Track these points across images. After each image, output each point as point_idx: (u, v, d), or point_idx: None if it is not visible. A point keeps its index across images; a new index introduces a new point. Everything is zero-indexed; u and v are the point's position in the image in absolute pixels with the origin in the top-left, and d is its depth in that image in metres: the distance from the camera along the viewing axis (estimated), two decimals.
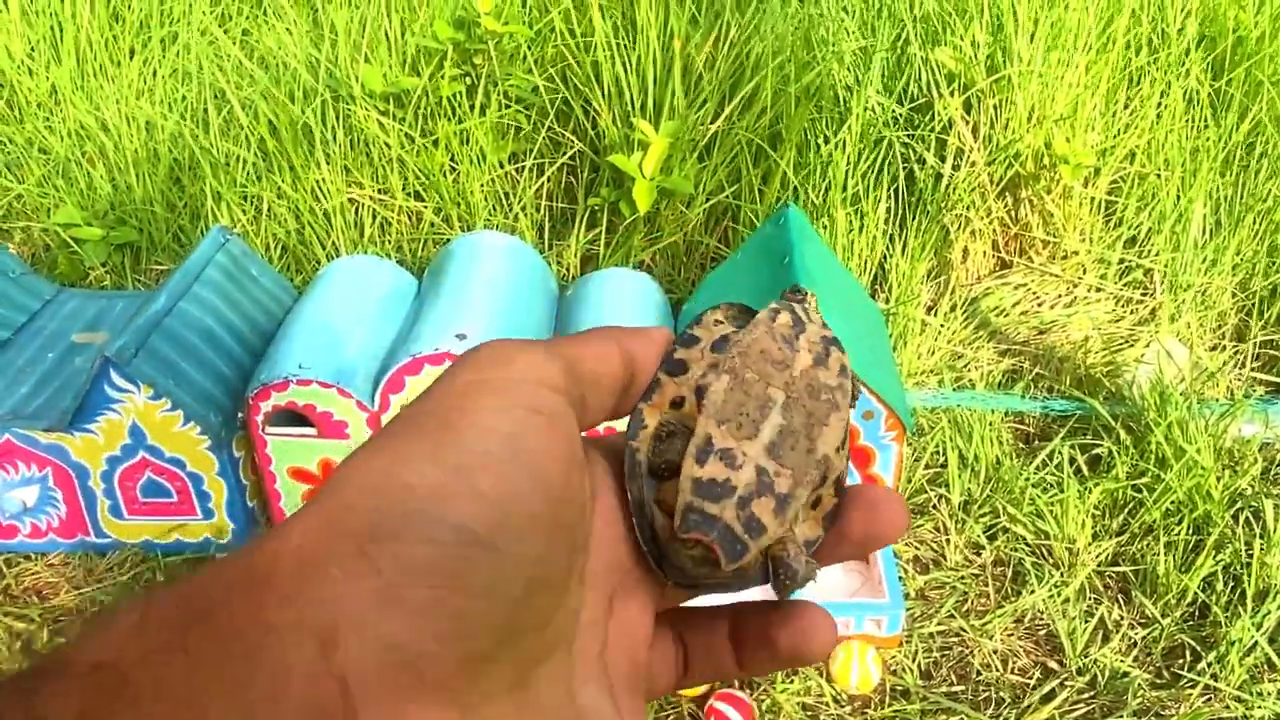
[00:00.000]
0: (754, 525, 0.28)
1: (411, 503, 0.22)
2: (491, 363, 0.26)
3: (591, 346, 0.28)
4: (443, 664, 0.21)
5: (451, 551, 0.22)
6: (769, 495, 0.28)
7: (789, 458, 0.29)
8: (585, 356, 0.28)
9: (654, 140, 1.84)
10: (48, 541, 1.50)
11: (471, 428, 0.24)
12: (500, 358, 0.26)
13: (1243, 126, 2.08)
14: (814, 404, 0.30)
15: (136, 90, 2.30)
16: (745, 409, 0.29)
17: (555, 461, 0.24)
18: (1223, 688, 1.31)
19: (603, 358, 0.28)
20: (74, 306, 1.65)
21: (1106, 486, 1.56)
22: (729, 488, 0.28)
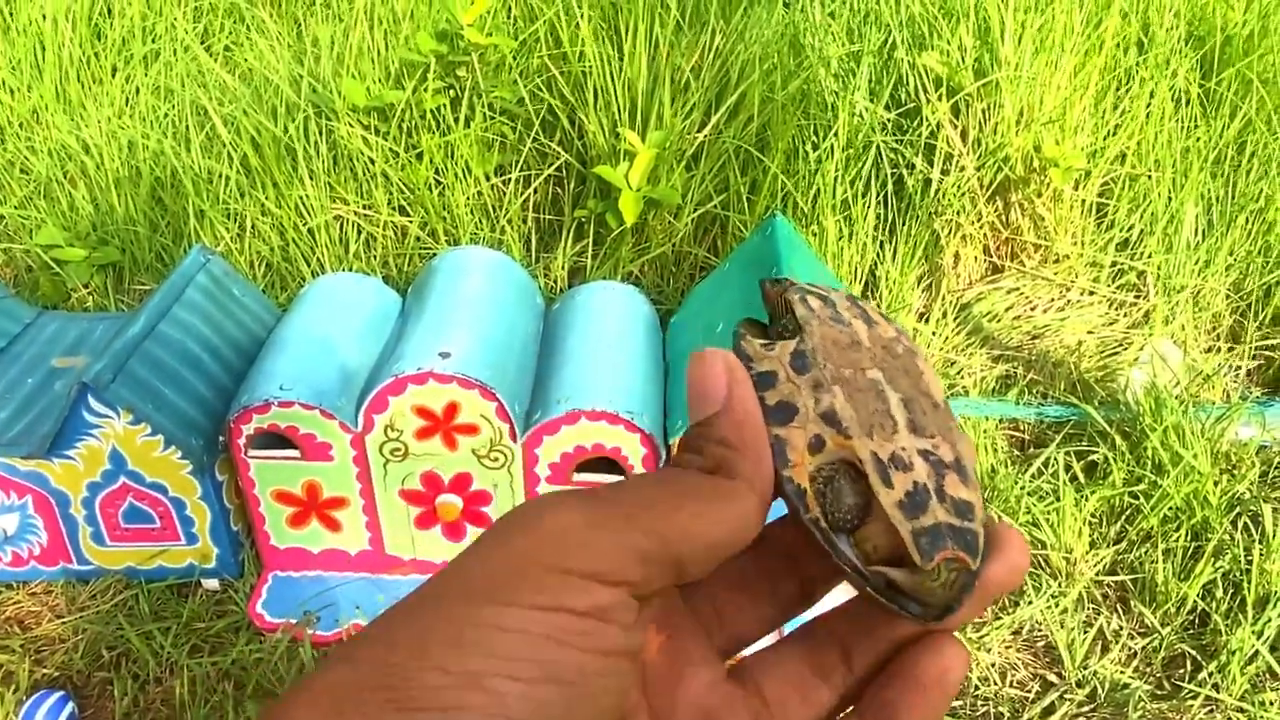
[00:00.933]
0: (962, 507, 0.26)
1: (412, 712, 0.20)
2: (553, 548, 0.22)
3: (685, 508, 0.24)
4: None
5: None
6: (947, 470, 0.26)
7: (927, 423, 0.27)
8: (674, 525, 0.24)
9: (640, 151, 1.82)
10: (29, 570, 1.47)
11: (496, 629, 0.21)
12: (567, 543, 0.23)
13: (1233, 126, 2.06)
14: (900, 361, 0.28)
15: (118, 108, 2.28)
16: (870, 406, 0.27)
17: (593, 663, 0.22)
18: (1224, 698, 1.29)
19: (702, 519, 0.24)
20: (54, 330, 1.62)
21: (1103, 494, 1.54)
22: (921, 489, 0.26)
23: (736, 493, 0.25)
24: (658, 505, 0.24)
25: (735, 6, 2.09)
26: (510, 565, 0.22)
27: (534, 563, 0.22)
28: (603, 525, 0.23)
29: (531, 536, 0.23)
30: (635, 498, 0.24)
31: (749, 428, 0.26)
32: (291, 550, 1.45)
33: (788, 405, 0.27)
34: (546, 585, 0.22)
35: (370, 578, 1.47)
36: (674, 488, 0.25)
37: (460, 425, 1.32)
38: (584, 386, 1.33)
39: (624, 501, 0.24)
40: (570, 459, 1.34)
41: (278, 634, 1.38)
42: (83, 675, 1.37)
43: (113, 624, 1.42)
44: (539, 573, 0.22)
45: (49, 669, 1.37)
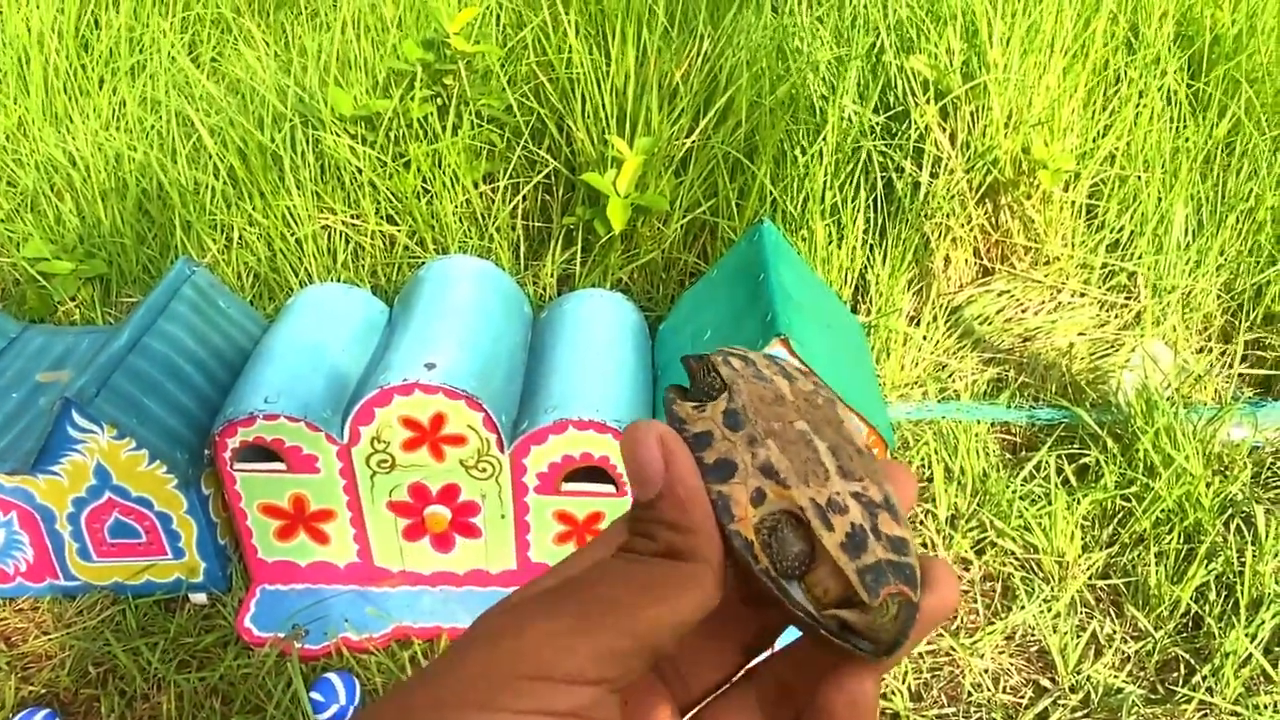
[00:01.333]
0: (898, 543, 0.27)
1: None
2: (536, 659, 0.23)
3: (651, 602, 0.25)
4: None
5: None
6: (880, 509, 0.27)
7: (855, 467, 0.28)
8: (644, 620, 0.25)
9: (628, 157, 1.81)
10: (15, 586, 1.46)
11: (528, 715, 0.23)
12: (549, 651, 0.23)
13: (1222, 126, 2.06)
14: (821, 411, 0.29)
15: (105, 120, 2.27)
16: (802, 456, 0.28)
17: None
18: (1218, 702, 1.28)
19: (669, 607, 0.25)
20: (40, 344, 1.61)
21: (1095, 497, 1.53)
22: (859, 530, 0.27)
23: (696, 575, 0.26)
24: (623, 604, 0.25)
25: (723, 12, 2.09)
26: (488, 674, 0.23)
27: (512, 671, 0.23)
28: (577, 632, 0.24)
29: (503, 647, 0.23)
30: (601, 598, 0.25)
31: (694, 506, 0.26)
32: (279, 564, 1.44)
33: (726, 462, 0.28)
34: (527, 691, 0.23)
35: (359, 590, 1.46)
36: (637, 582, 0.25)
37: (447, 436, 1.31)
38: (572, 396, 1.32)
39: (591, 603, 0.24)
40: (558, 469, 1.33)
41: (266, 648, 1.37)
42: (69, 692, 1.36)
43: (100, 640, 1.41)
44: (517, 680, 0.23)
45: (35, 686, 1.36)
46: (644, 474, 0.26)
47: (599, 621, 0.24)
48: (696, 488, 0.27)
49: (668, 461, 0.27)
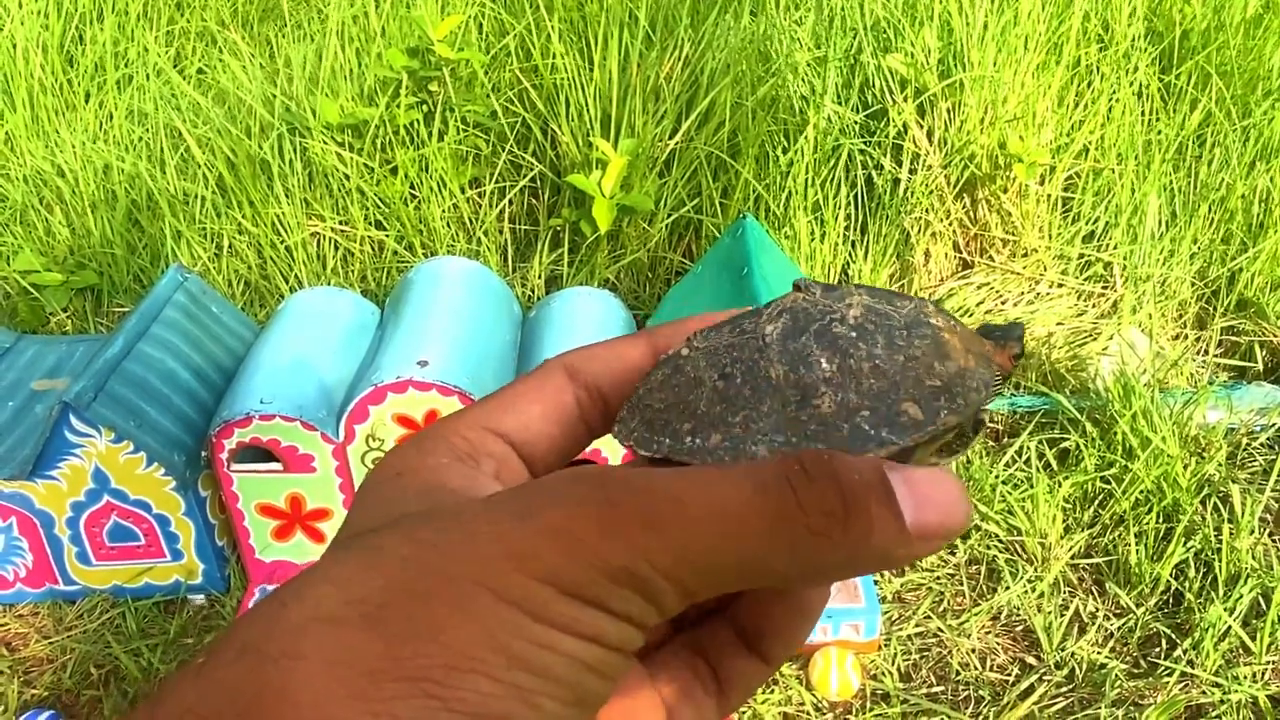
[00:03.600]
0: None
1: (461, 716, 0.19)
2: (590, 563, 0.21)
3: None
4: None
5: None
6: None
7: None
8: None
9: (613, 159, 1.84)
10: (15, 592, 1.48)
11: (544, 648, 0.21)
12: (609, 561, 0.21)
13: (1193, 118, 2.11)
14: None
15: (93, 133, 2.29)
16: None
17: (610, 689, 0.23)
18: (1199, 674, 1.31)
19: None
20: (33, 354, 1.63)
21: (1076, 480, 1.57)
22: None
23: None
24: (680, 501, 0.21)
25: (704, 15, 2.13)
26: (542, 569, 0.20)
27: (567, 578, 0.21)
28: (658, 544, 0.21)
29: (582, 554, 0.21)
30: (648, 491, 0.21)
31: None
32: (277, 563, 1.46)
33: None
34: (585, 615, 0.21)
35: None
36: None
37: None
38: None
39: (671, 502, 0.21)
40: None
41: None
42: (72, 694, 1.37)
43: (100, 643, 1.42)
44: (581, 603, 0.21)
45: (38, 689, 1.38)
46: (943, 513, 0.22)
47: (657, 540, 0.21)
48: None
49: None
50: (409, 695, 0.19)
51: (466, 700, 0.19)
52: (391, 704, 0.19)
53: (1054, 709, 1.30)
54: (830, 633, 1.35)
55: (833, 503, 0.21)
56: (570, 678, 0.21)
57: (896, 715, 1.29)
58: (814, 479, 0.21)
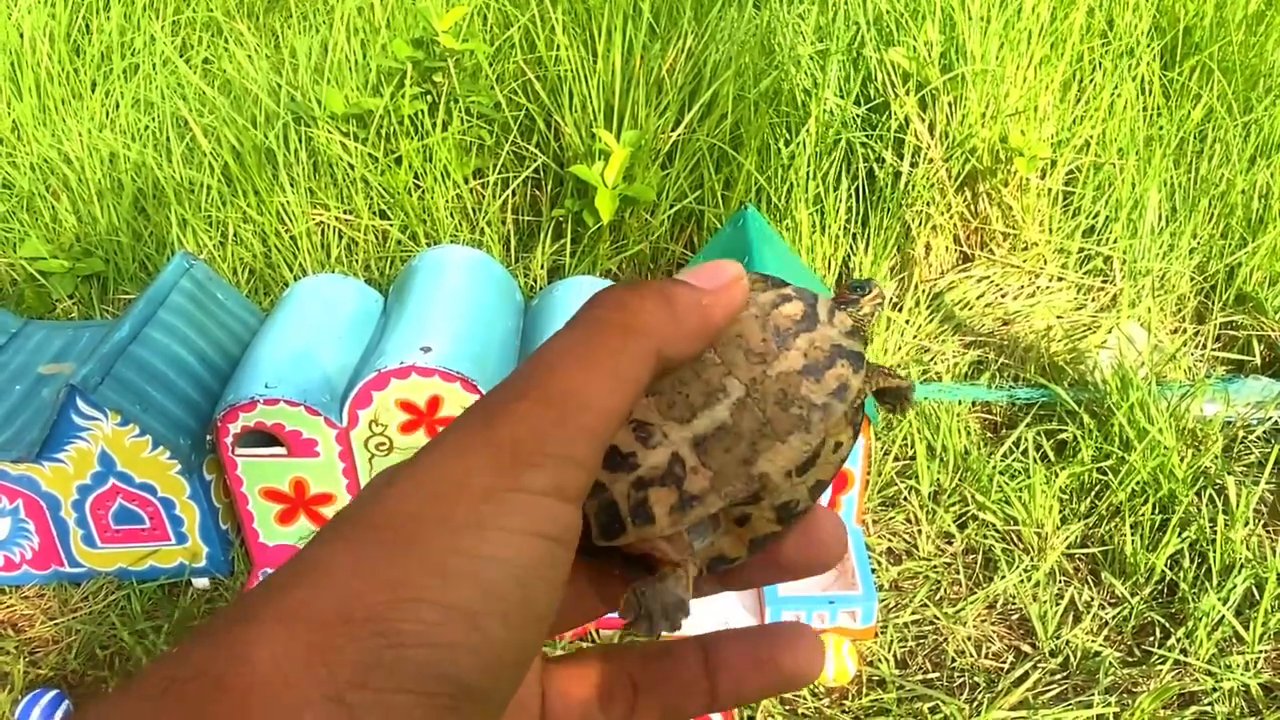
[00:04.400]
0: (642, 512, 0.25)
1: (406, 648, 0.19)
2: (510, 463, 0.22)
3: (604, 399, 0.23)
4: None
5: (443, 703, 0.20)
6: (672, 488, 0.25)
7: (716, 459, 0.25)
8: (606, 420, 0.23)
9: (615, 150, 1.86)
10: (21, 574, 1.49)
11: (485, 561, 0.21)
12: (521, 457, 0.22)
13: (1195, 113, 2.12)
14: (777, 413, 0.25)
15: (99, 122, 2.31)
16: (687, 389, 0.25)
17: (557, 596, 0.22)
18: (1192, 662, 1.33)
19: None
20: (40, 339, 1.64)
21: (1073, 470, 1.58)
22: (630, 462, 0.25)
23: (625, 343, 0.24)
24: (581, 385, 0.23)
25: (707, 8, 2.14)
26: (478, 484, 0.21)
27: (496, 482, 0.21)
28: (549, 433, 0.22)
29: (488, 445, 0.22)
30: (568, 385, 0.23)
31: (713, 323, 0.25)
32: (280, 547, 1.48)
33: None
34: (516, 505, 0.21)
35: None
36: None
37: (444, 418, 1.35)
38: None
39: (555, 391, 0.23)
40: None
41: None
42: (77, 675, 1.39)
43: (105, 624, 1.44)
44: (505, 493, 0.21)
45: (44, 669, 1.39)
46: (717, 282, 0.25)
47: (568, 421, 0.22)
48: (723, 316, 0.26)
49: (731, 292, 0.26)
50: (358, 638, 0.19)
51: (411, 633, 0.20)
52: (343, 652, 0.19)
53: (1048, 695, 1.31)
54: (827, 620, 1.36)
55: (623, 293, 0.25)
56: (512, 591, 0.21)
57: (892, 701, 1.30)
58: (603, 293, 0.25)
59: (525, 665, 0.21)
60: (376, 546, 0.21)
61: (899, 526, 1.56)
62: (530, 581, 0.21)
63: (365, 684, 0.19)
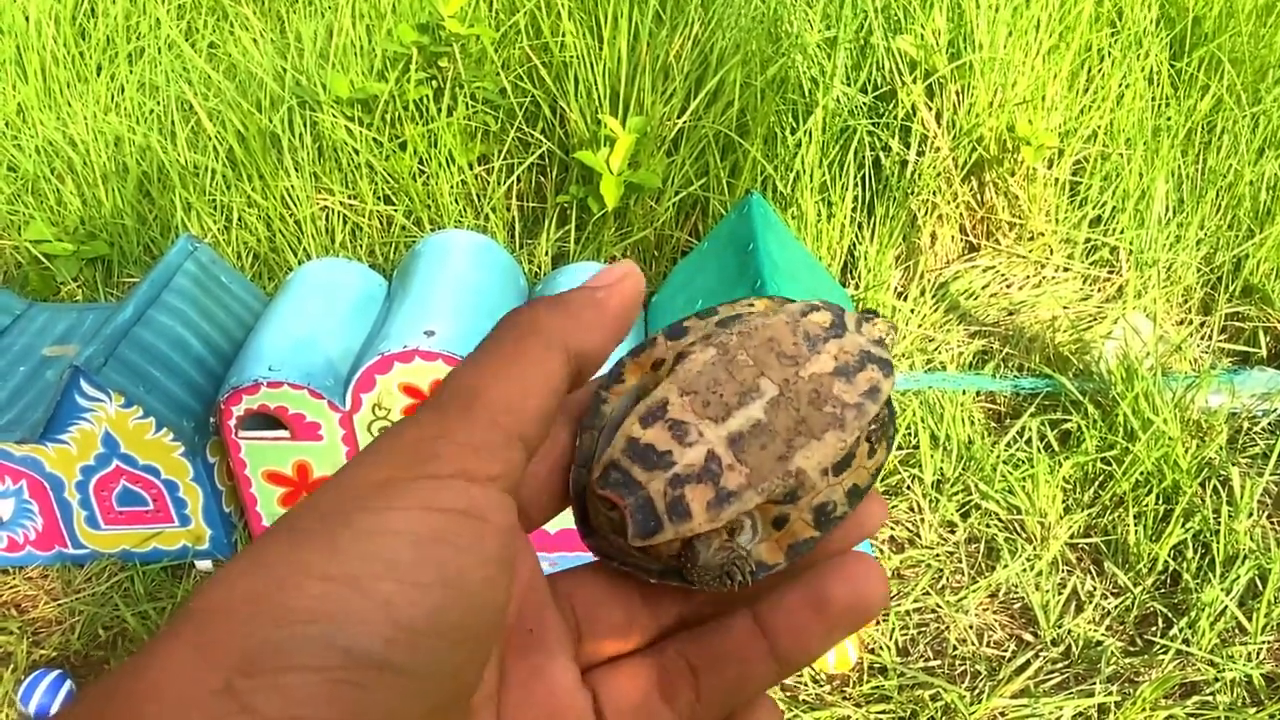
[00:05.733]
0: (679, 508, 0.25)
1: (293, 625, 0.19)
2: (412, 459, 0.22)
3: (534, 384, 0.24)
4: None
5: (339, 676, 0.19)
6: (709, 484, 0.25)
7: (752, 456, 0.25)
8: (529, 405, 0.24)
9: (621, 136, 1.85)
10: (25, 554, 1.50)
11: (375, 534, 0.20)
12: (423, 452, 0.22)
13: (1203, 104, 2.11)
14: (811, 412, 0.26)
15: (104, 105, 2.30)
16: (721, 389, 0.26)
17: (479, 566, 0.21)
18: (1194, 652, 1.33)
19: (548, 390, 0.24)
20: (44, 321, 1.65)
21: (1077, 460, 1.58)
22: (666, 460, 0.25)
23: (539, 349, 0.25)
24: (485, 386, 0.24)
25: None
26: (378, 479, 0.21)
27: (401, 474, 0.21)
28: (455, 427, 0.23)
29: (391, 451, 0.22)
30: (472, 387, 0.24)
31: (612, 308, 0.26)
32: None
33: (683, 329, 0.27)
34: (417, 489, 0.21)
35: None
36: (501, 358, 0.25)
37: None
38: None
39: (463, 393, 0.23)
40: None
41: None
42: (80, 655, 1.39)
43: (108, 605, 1.44)
44: (407, 482, 0.21)
45: (47, 650, 1.40)
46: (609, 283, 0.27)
47: (481, 415, 0.23)
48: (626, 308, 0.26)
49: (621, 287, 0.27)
50: (243, 625, 0.19)
51: (298, 608, 0.19)
52: (228, 642, 0.19)
53: (1049, 684, 1.31)
54: None
55: (527, 306, 0.26)
56: (405, 555, 0.20)
57: (893, 688, 1.30)
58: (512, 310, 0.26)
59: (451, 638, 0.20)
60: (273, 545, 0.21)
61: (902, 515, 1.56)
62: (430, 547, 0.20)
63: (252, 669, 0.18)
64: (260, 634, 0.19)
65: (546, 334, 0.25)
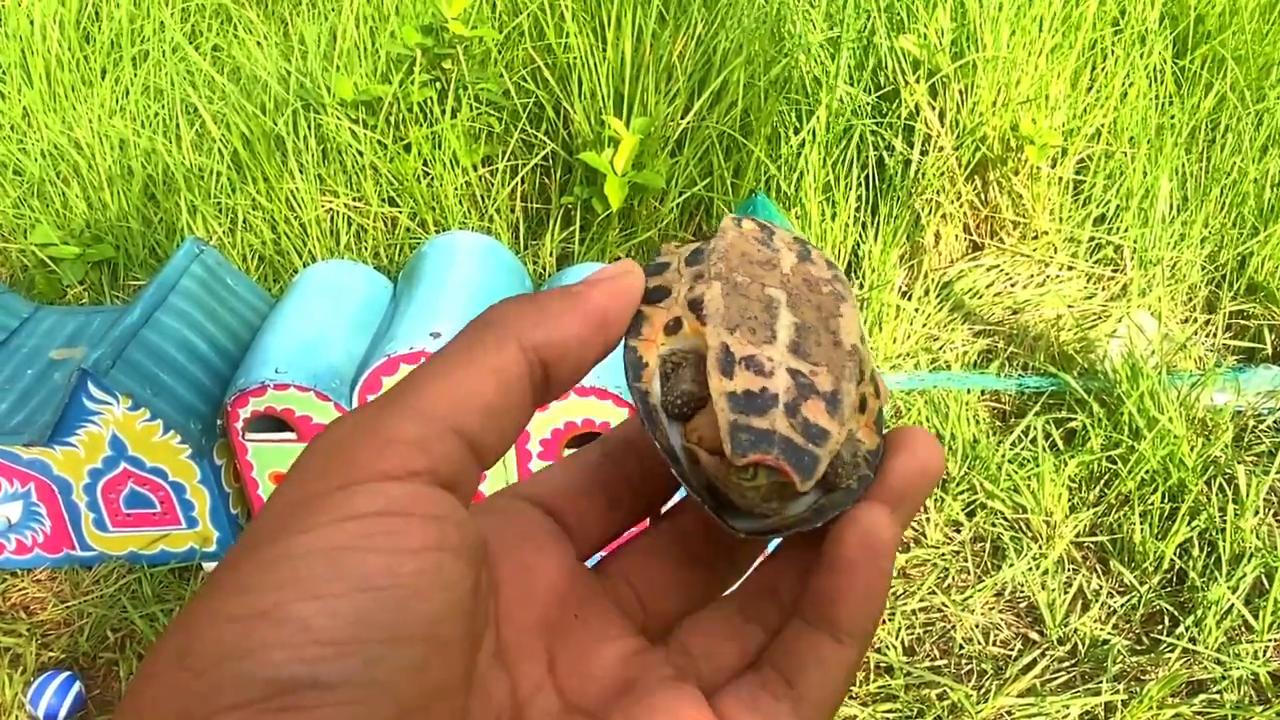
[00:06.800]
0: (813, 430, 0.24)
1: (209, 671, 0.18)
2: (328, 467, 0.21)
3: (487, 374, 0.23)
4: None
5: (277, 706, 0.18)
6: (815, 396, 0.24)
7: (817, 354, 0.25)
8: (485, 389, 0.23)
9: (625, 137, 1.85)
10: (33, 557, 1.50)
11: (284, 560, 0.20)
12: (341, 457, 0.21)
13: (1207, 102, 2.10)
14: (818, 297, 0.27)
15: (109, 109, 2.31)
16: (750, 312, 0.25)
17: (406, 560, 0.20)
18: (1201, 650, 1.33)
19: (510, 376, 0.23)
20: (51, 323, 1.65)
21: (1082, 459, 1.58)
22: (769, 396, 0.24)
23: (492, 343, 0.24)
24: (419, 381, 0.23)
25: None
26: (293, 499, 0.21)
27: (315, 489, 0.21)
28: (373, 426, 0.22)
29: (308, 467, 0.21)
30: (405, 385, 0.23)
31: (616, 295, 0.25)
32: None
33: (662, 289, 0.26)
34: (329, 504, 0.20)
35: None
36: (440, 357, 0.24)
37: None
38: None
39: (393, 393, 0.23)
40: (561, 435, 1.37)
41: None
42: (88, 657, 1.40)
43: (117, 607, 1.45)
44: (320, 497, 0.20)
45: (55, 652, 1.40)
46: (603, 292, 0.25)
47: (393, 410, 0.22)
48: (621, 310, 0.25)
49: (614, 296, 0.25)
50: (175, 680, 0.19)
51: (213, 653, 0.19)
52: (162, 703, 0.19)
53: (1055, 683, 1.31)
54: None
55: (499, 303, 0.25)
56: (323, 571, 0.19)
57: (900, 688, 1.31)
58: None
59: (387, 639, 0.19)
60: (193, 601, 0.20)
61: None
62: (345, 556, 0.20)
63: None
64: (184, 688, 0.18)
65: (500, 327, 0.24)
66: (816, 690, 0.25)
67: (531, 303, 0.24)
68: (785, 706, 0.25)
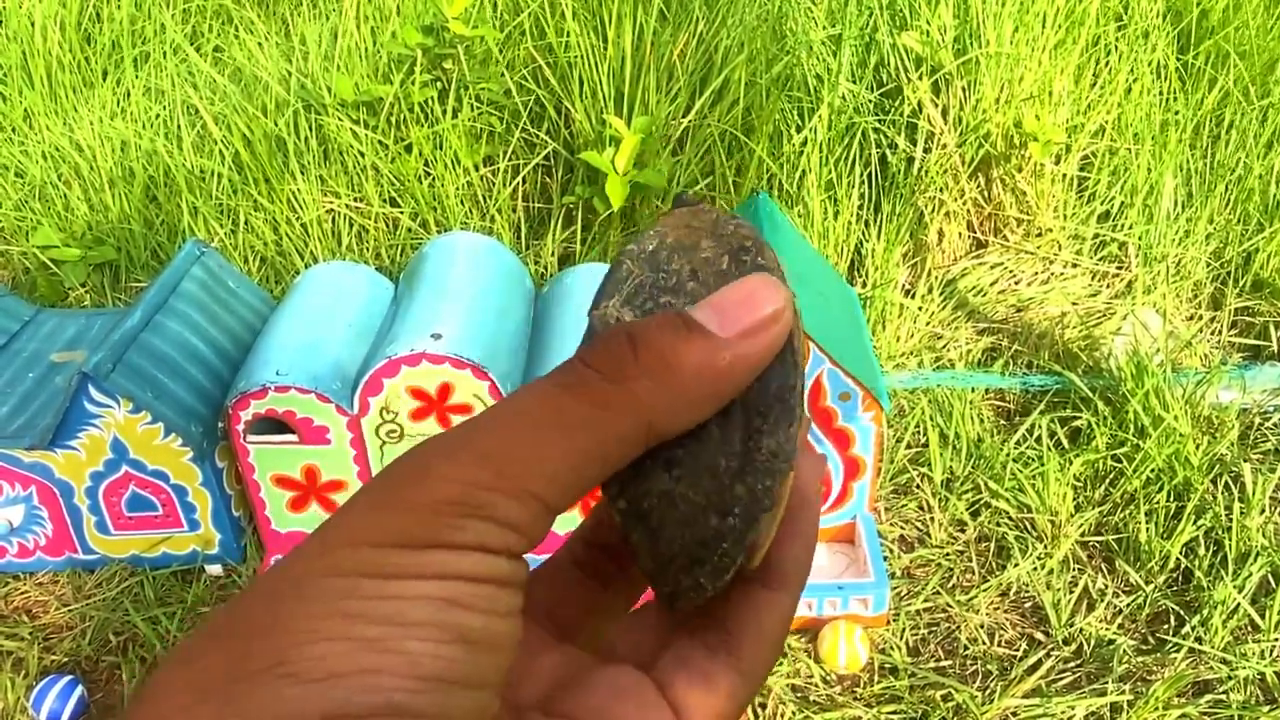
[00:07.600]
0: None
1: (329, 680, 0.20)
2: (430, 524, 0.21)
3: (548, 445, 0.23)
4: None
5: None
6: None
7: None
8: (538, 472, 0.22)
9: (626, 136, 1.85)
10: (35, 560, 1.50)
11: (401, 598, 0.21)
12: (441, 522, 0.21)
13: (1211, 98, 2.09)
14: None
15: (110, 110, 2.31)
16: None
17: (505, 629, 0.22)
18: (1207, 650, 1.32)
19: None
20: (53, 326, 1.65)
21: (1087, 458, 1.57)
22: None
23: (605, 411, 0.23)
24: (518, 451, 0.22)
25: None
26: (389, 540, 0.21)
27: (419, 537, 0.21)
28: (486, 498, 0.21)
29: (410, 511, 0.21)
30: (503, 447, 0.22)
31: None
32: (293, 534, 1.48)
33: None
34: (435, 562, 0.21)
35: None
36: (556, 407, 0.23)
37: (454, 405, 1.35)
38: None
39: (500, 458, 0.22)
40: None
41: None
42: (91, 660, 1.40)
43: (119, 610, 1.45)
44: (426, 550, 0.21)
45: (58, 655, 1.40)
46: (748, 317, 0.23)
47: (505, 483, 0.22)
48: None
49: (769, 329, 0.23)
50: (261, 682, 0.19)
51: (313, 667, 0.19)
52: (241, 701, 0.19)
53: (1061, 683, 1.30)
54: (839, 607, 1.36)
55: (620, 346, 0.23)
56: (432, 617, 0.20)
57: (904, 689, 1.30)
58: (602, 340, 0.23)
59: (468, 686, 0.21)
60: (285, 602, 0.21)
61: (911, 514, 1.55)
62: (457, 614, 0.21)
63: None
64: (279, 688, 0.19)
65: (633, 413, 0.22)
66: (753, 641, 0.25)
67: (671, 378, 0.22)
68: (722, 658, 0.25)
